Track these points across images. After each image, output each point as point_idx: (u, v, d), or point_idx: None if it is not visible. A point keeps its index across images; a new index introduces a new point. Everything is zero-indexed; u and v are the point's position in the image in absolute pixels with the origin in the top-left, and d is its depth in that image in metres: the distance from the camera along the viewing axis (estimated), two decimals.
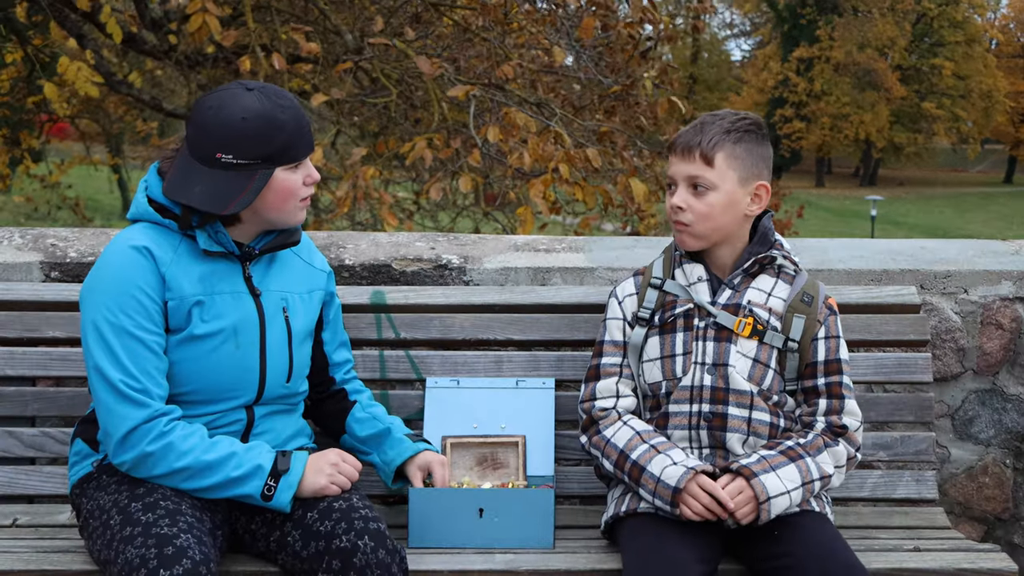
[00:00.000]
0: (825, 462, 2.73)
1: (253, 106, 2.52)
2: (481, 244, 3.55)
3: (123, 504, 2.50)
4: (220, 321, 2.61)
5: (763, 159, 2.80)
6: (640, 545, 2.62)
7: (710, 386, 2.75)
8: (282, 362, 2.71)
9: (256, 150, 2.53)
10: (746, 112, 2.83)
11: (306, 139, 2.61)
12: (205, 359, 2.60)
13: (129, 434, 2.50)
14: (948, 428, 3.49)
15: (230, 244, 2.62)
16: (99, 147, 18.57)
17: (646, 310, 2.85)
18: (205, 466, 2.52)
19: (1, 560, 2.60)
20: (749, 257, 2.80)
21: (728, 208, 2.76)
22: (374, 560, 2.44)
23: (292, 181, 2.60)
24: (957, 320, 3.44)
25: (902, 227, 34.87)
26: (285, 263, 2.77)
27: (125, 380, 2.50)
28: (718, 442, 2.75)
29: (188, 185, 2.55)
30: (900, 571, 2.67)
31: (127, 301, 2.53)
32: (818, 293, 2.83)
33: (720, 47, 57.87)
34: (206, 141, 2.53)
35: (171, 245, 2.59)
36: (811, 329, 2.79)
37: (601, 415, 2.83)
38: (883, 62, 46.60)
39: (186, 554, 2.32)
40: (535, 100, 6.94)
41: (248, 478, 2.52)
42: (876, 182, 50.94)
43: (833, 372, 2.81)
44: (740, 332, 2.76)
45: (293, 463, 2.56)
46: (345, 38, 7.19)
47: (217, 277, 2.63)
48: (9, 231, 3.53)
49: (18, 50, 9.73)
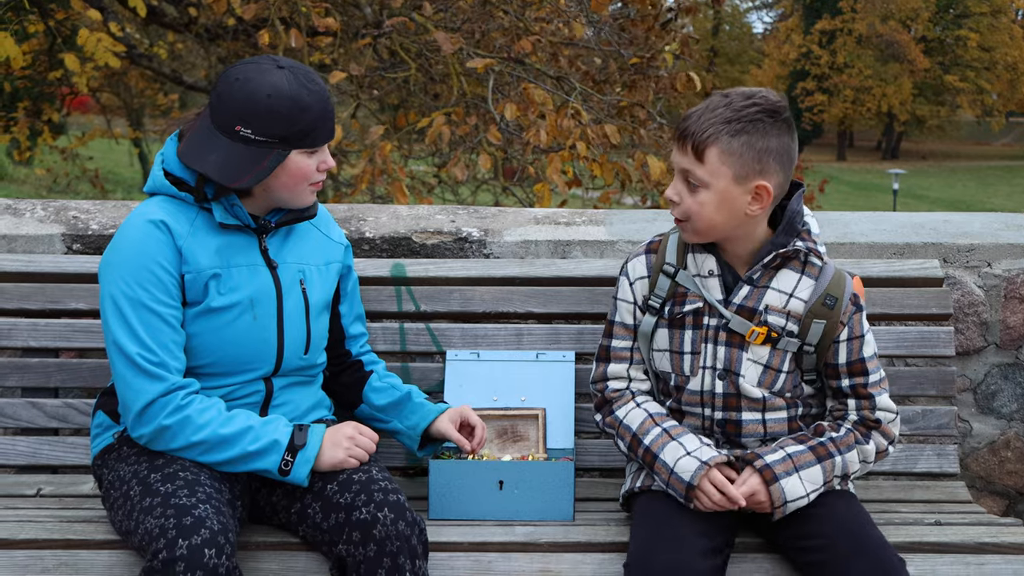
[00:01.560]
0: (853, 460, 2.64)
1: (280, 85, 2.51)
2: (501, 217, 3.55)
3: (143, 475, 2.52)
4: (237, 293, 2.62)
5: (769, 153, 2.51)
6: (649, 521, 2.60)
7: (721, 393, 2.65)
8: (300, 334, 2.71)
9: (275, 129, 2.52)
10: (763, 94, 2.55)
11: (327, 126, 2.60)
12: (223, 331, 2.61)
13: (147, 407, 2.52)
14: (970, 402, 3.48)
15: (246, 217, 2.62)
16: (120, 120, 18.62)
17: (657, 298, 2.71)
18: (222, 440, 2.53)
19: (26, 529, 2.63)
20: (771, 251, 2.59)
21: (721, 208, 2.54)
22: (394, 532, 2.45)
23: (306, 165, 2.60)
24: (980, 294, 3.42)
25: (924, 201, 34.62)
26: (302, 235, 2.77)
27: (142, 353, 2.51)
28: (735, 443, 2.69)
29: (204, 152, 2.55)
30: (921, 545, 2.66)
31: (144, 275, 2.54)
32: (843, 292, 2.63)
33: (741, 19, 57.41)
34: (228, 112, 2.53)
35: (187, 218, 2.60)
36: (832, 332, 2.63)
37: (614, 395, 2.78)
38: (906, 34, 46.13)
39: (204, 524, 2.34)
40: (555, 73, 6.92)
41: (265, 453, 2.54)
42: (898, 155, 50.54)
43: (857, 373, 2.67)
44: (752, 341, 2.61)
45: (310, 437, 2.57)
46: (364, 11, 7.18)
47: (233, 250, 2.63)
48: (32, 203, 3.54)
49: (40, 23, 9.75)
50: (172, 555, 2.29)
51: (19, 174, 22.26)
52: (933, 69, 46.86)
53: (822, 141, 51.48)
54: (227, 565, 2.33)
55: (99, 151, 17.65)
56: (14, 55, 7.31)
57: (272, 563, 2.60)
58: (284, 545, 2.62)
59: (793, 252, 2.61)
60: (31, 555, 2.57)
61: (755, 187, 2.53)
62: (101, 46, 7.09)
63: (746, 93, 2.56)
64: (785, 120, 2.55)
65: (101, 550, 2.58)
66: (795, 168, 2.62)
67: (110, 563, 2.57)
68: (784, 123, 2.55)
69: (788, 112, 2.58)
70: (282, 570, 2.60)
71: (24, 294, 3.11)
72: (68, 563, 2.56)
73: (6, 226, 3.38)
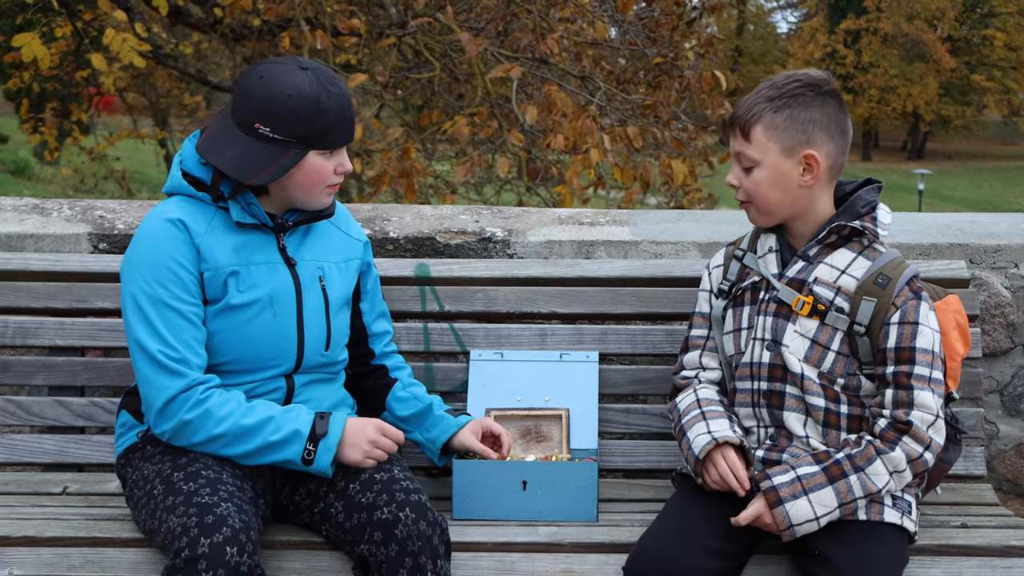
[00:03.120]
0: (877, 473, 2.50)
1: (302, 85, 2.53)
2: (525, 217, 3.54)
3: (166, 474, 2.53)
4: (256, 291, 2.63)
5: (813, 123, 2.56)
6: (669, 507, 2.64)
7: (768, 363, 2.64)
8: (320, 330, 2.72)
9: (294, 129, 2.53)
10: (806, 72, 2.62)
11: (347, 129, 2.61)
12: (243, 329, 2.62)
13: (168, 404, 2.53)
14: (997, 404, 3.45)
15: (263, 215, 2.63)
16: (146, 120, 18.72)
17: (727, 282, 2.77)
18: (243, 430, 2.54)
19: (52, 527, 2.64)
20: (826, 227, 2.63)
21: (776, 184, 2.59)
22: (415, 532, 2.45)
23: (323, 167, 2.60)
24: (1007, 295, 3.39)
25: (950, 201, 34.40)
26: (321, 233, 2.78)
27: (163, 350, 2.53)
28: (778, 421, 2.66)
29: (222, 147, 2.57)
30: (947, 547, 2.65)
31: (163, 273, 2.55)
32: (900, 275, 2.58)
33: (766, 19, 57.21)
34: (248, 109, 2.54)
35: (205, 217, 2.61)
36: (883, 313, 2.56)
37: (682, 383, 2.83)
38: (932, 33, 45.84)
39: (226, 522, 2.35)
40: (579, 73, 6.91)
41: (287, 443, 2.54)
42: (924, 155, 50.21)
43: (904, 361, 2.54)
44: (799, 311, 2.60)
45: (331, 426, 2.58)
46: (389, 11, 7.19)
47: (251, 248, 2.64)
48: (58, 203, 3.57)
49: (67, 24, 9.82)
50: (194, 553, 2.30)
51: (46, 174, 22.44)
52: (959, 68, 46.55)
53: None
54: (249, 563, 2.34)
55: (125, 151, 17.75)
56: (42, 56, 7.37)
57: (296, 562, 2.61)
58: (308, 544, 2.63)
59: (851, 232, 2.61)
60: (57, 553, 2.58)
61: (804, 156, 2.58)
62: (127, 46, 7.14)
63: (788, 73, 2.65)
64: (828, 92, 2.60)
65: (127, 548, 2.59)
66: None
67: (136, 561, 2.58)
68: (827, 95, 2.60)
69: (831, 85, 2.62)
70: (306, 569, 2.61)
71: (51, 293, 3.13)
72: (94, 561, 2.58)
73: (34, 225, 3.40)
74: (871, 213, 2.64)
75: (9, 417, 3.10)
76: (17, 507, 2.81)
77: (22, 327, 3.11)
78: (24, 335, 3.11)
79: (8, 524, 2.65)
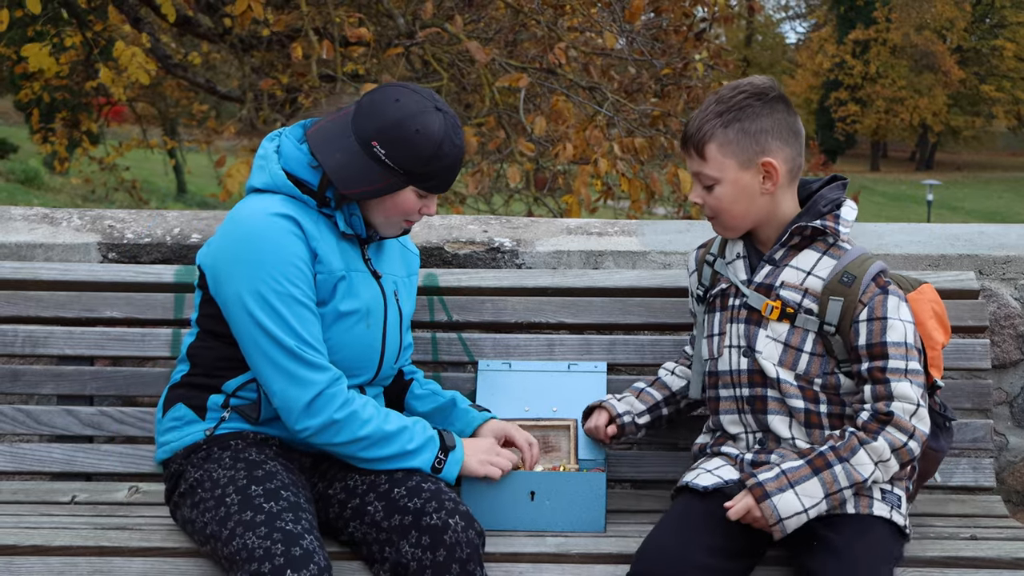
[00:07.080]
0: (861, 463, 2.51)
1: (432, 126, 2.55)
2: (533, 227, 3.55)
3: (241, 484, 2.51)
4: (357, 300, 2.66)
5: (765, 133, 2.57)
6: (666, 518, 2.63)
7: (746, 370, 2.67)
8: (395, 344, 2.78)
9: (408, 162, 2.55)
10: (750, 80, 2.62)
11: (450, 180, 2.64)
12: (342, 336, 2.64)
13: (315, 399, 2.53)
14: (1006, 415, 3.44)
15: (361, 228, 2.66)
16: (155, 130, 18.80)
17: (702, 287, 2.83)
18: (384, 436, 2.58)
19: (60, 536, 2.64)
20: (788, 228, 2.64)
21: (739, 197, 2.61)
22: (464, 539, 2.48)
23: (411, 203, 2.63)
24: (1016, 306, 3.38)
25: (959, 212, 34.34)
26: (387, 247, 2.83)
27: (301, 347, 2.53)
28: (764, 425, 2.68)
29: (332, 148, 2.58)
30: (956, 559, 2.63)
31: (290, 270, 2.54)
32: (865, 272, 2.58)
33: (774, 29, 57.26)
34: (372, 126, 2.55)
35: (312, 220, 2.61)
36: (851, 311, 2.57)
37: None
38: (941, 44, 45.82)
39: (312, 559, 2.35)
40: (587, 84, 6.92)
41: (420, 451, 2.61)
42: (933, 166, 50.13)
43: (877, 356, 2.54)
44: (768, 316, 2.63)
45: (457, 441, 2.68)
46: (397, 21, 7.21)
47: (350, 257, 2.67)
48: (68, 212, 3.58)
49: (77, 34, 9.87)
50: None
51: (55, 183, 22.51)
52: (968, 79, 46.51)
53: (856, 152, 51.18)
54: None
55: (134, 161, 17.80)
56: (48, 66, 7.41)
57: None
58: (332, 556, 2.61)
59: (814, 231, 2.62)
60: (65, 562, 2.58)
61: (761, 165, 2.59)
62: (135, 61, 7.17)
63: (733, 85, 2.64)
64: (775, 98, 2.61)
65: (135, 557, 2.59)
66: (807, 146, 2.68)
67: (143, 570, 2.58)
68: (774, 101, 2.60)
69: (777, 91, 2.63)
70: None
71: (60, 302, 3.14)
72: (102, 570, 2.58)
73: (43, 235, 3.41)
74: (834, 211, 2.64)
75: (18, 426, 3.11)
76: (25, 516, 2.82)
77: (31, 336, 3.12)
78: (33, 344, 3.12)
79: (17, 533, 2.65)
